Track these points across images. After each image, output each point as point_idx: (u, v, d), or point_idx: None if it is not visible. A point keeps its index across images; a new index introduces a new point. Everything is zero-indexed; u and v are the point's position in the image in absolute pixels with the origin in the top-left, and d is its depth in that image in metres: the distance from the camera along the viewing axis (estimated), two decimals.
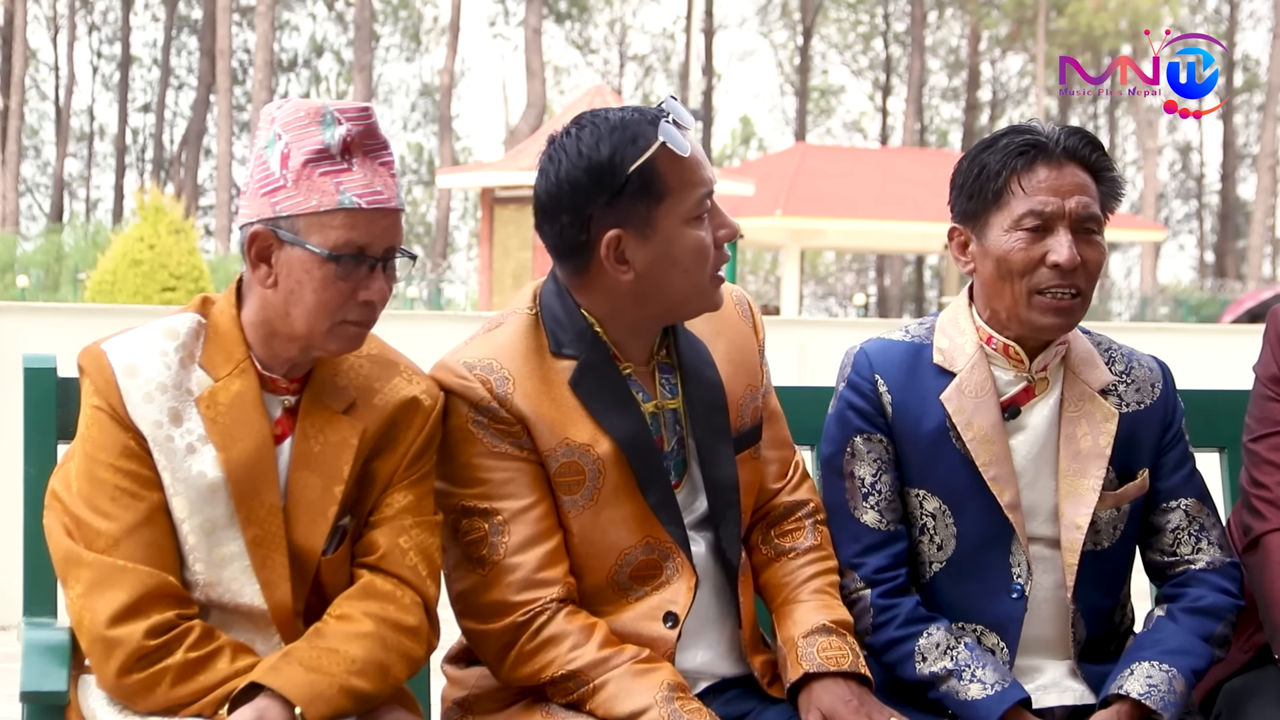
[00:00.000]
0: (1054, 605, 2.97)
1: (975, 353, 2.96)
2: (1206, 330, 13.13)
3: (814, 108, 58.49)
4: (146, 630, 2.54)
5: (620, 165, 2.67)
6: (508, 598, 2.70)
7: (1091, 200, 2.90)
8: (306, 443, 2.66)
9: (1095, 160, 2.92)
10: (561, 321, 2.75)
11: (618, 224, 2.69)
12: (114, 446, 2.59)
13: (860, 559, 2.95)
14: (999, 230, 2.90)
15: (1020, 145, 2.89)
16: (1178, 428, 3.05)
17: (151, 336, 2.64)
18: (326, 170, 2.59)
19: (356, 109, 2.64)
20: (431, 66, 57.55)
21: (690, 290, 2.74)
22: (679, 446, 2.81)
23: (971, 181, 2.93)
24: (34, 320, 7.89)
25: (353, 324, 2.62)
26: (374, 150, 2.63)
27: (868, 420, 2.96)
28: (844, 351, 3.04)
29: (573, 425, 2.72)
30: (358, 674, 2.57)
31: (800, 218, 30.25)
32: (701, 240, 2.71)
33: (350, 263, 2.59)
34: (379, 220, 2.60)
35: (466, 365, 2.73)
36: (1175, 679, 2.87)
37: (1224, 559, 3.02)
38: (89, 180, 56.09)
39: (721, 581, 2.83)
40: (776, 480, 2.95)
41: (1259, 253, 46.53)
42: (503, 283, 26.09)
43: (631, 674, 2.66)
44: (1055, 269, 2.87)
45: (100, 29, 54.72)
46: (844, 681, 2.77)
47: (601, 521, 2.74)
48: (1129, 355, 3.06)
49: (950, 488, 2.95)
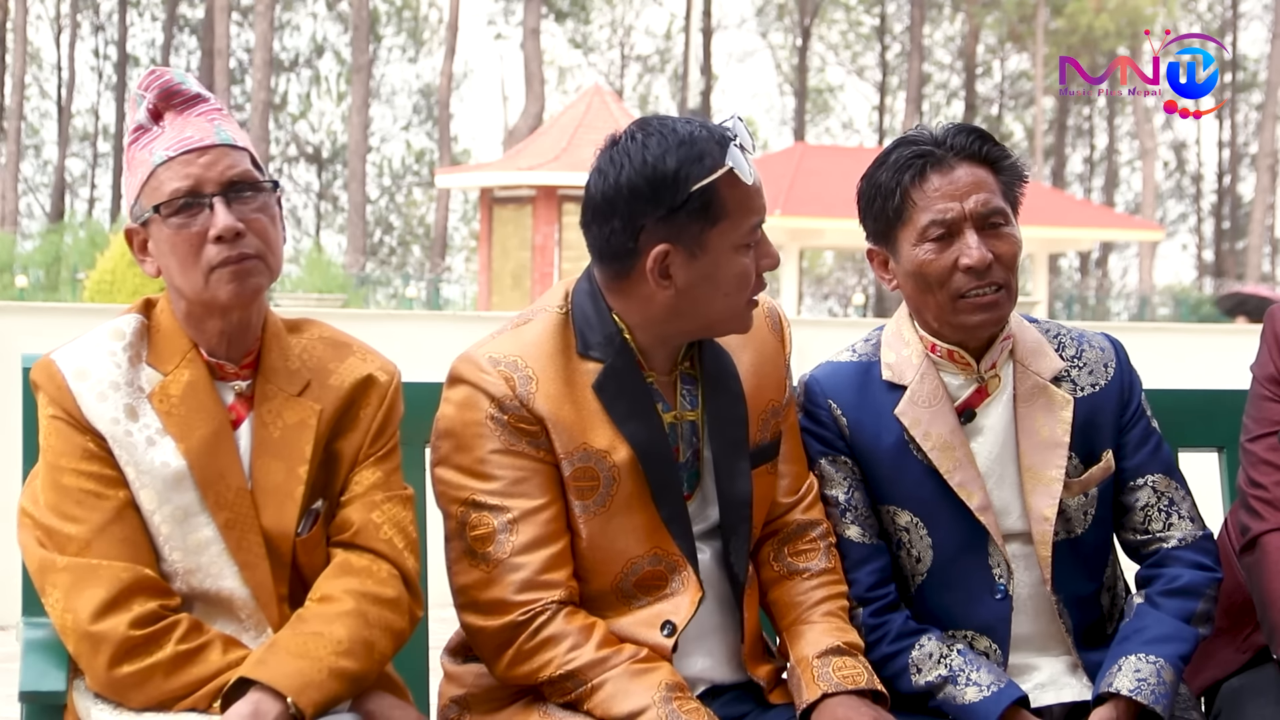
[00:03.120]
0: (1039, 600, 2.98)
1: (922, 362, 2.97)
2: (1205, 330, 13.13)
3: (812, 108, 58.47)
4: (130, 621, 2.55)
5: (684, 181, 2.64)
6: (509, 596, 2.69)
7: (992, 195, 2.90)
8: (265, 428, 2.69)
9: (987, 153, 2.92)
10: (592, 323, 2.74)
11: (669, 238, 2.67)
12: (74, 451, 2.61)
13: (850, 575, 2.95)
14: (908, 245, 2.91)
15: (908, 158, 2.90)
16: (1137, 404, 3.04)
17: (98, 340, 2.68)
18: (144, 143, 2.67)
19: (151, 74, 2.70)
20: (432, 67, 57.53)
21: (726, 313, 2.74)
22: (693, 458, 2.81)
23: (871, 203, 2.95)
24: (33, 320, 7.90)
25: (221, 265, 2.63)
26: (182, 104, 2.68)
27: (827, 445, 2.98)
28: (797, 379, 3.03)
29: (592, 430, 2.72)
30: (344, 654, 2.58)
31: (799, 217, 30.24)
32: (747, 268, 2.71)
33: (185, 210, 2.62)
34: (194, 161, 2.63)
35: (491, 360, 2.72)
36: (1164, 669, 2.87)
37: (1196, 533, 3.02)
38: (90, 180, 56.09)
39: (726, 592, 2.83)
40: (788, 495, 2.94)
41: (1258, 252, 46.52)
42: (502, 283, 26.08)
43: (629, 674, 2.66)
44: (969, 272, 2.88)
45: (104, 29, 54.72)
46: (860, 699, 2.77)
47: (611, 529, 2.73)
48: (1079, 338, 3.06)
49: (919, 499, 2.95)
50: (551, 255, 25.13)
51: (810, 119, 57.37)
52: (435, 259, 46.84)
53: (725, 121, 2.71)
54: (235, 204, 2.63)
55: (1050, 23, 45.74)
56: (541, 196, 25.38)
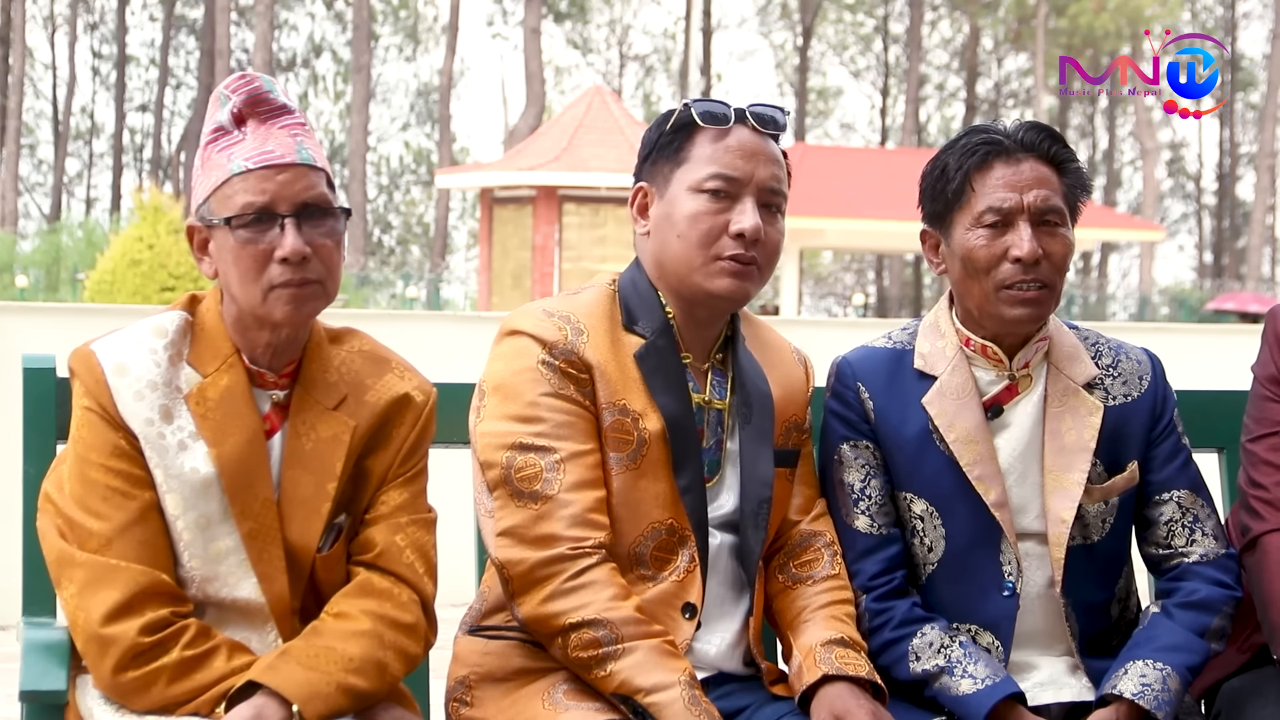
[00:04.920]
0: (1047, 602, 2.98)
1: (956, 355, 2.98)
2: (1205, 330, 13.14)
3: (813, 108, 58.47)
4: (141, 627, 2.54)
5: (660, 123, 2.88)
6: (560, 531, 2.71)
7: (1052, 193, 2.93)
8: (298, 440, 2.67)
9: (1055, 153, 2.95)
10: (639, 299, 2.86)
11: (648, 179, 2.88)
12: (105, 446, 2.60)
13: (855, 566, 2.97)
14: (962, 229, 2.93)
15: (976, 144, 2.94)
16: (1169, 419, 3.05)
17: (140, 335, 2.65)
18: (222, 146, 2.64)
19: (238, 78, 2.68)
20: (430, 66, 57.54)
21: (684, 261, 2.82)
22: (716, 447, 2.86)
23: (933, 183, 2.98)
24: (33, 320, 7.90)
25: (282, 287, 2.61)
26: (268, 115, 2.65)
27: (852, 427, 3.00)
28: (829, 363, 3.07)
29: (630, 393, 2.80)
30: (355, 672, 2.58)
31: (799, 218, 30.21)
32: (699, 210, 2.80)
33: (255, 225, 2.60)
34: (273, 178, 2.61)
35: (545, 312, 2.81)
36: (1170, 677, 2.87)
37: (1219, 550, 3.03)
38: (87, 180, 56.07)
39: (739, 579, 2.86)
40: (800, 513, 2.99)
41: (1258, 252, 46.54)
42: (502, 283, 26.07)
43: (659, 651, 2.67)
44: (1017, 263, 2.90)
45: (99, 28, 54.72)
46: (859, 688, 2.79)
47: (639, 488, 2.79)
48: (1117, 348, 3.07)
49: (937, 489, 2.96)
50: (551, 255, 25.12)
51: (810, 119, 57.36)
52: (435, 259, 46.85)
53: (756, 104, 2.89)
54: (305, 226, 2.61)
55: (1050, 23, 45.74)
56: (541, 196, 25.36)
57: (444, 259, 47.91)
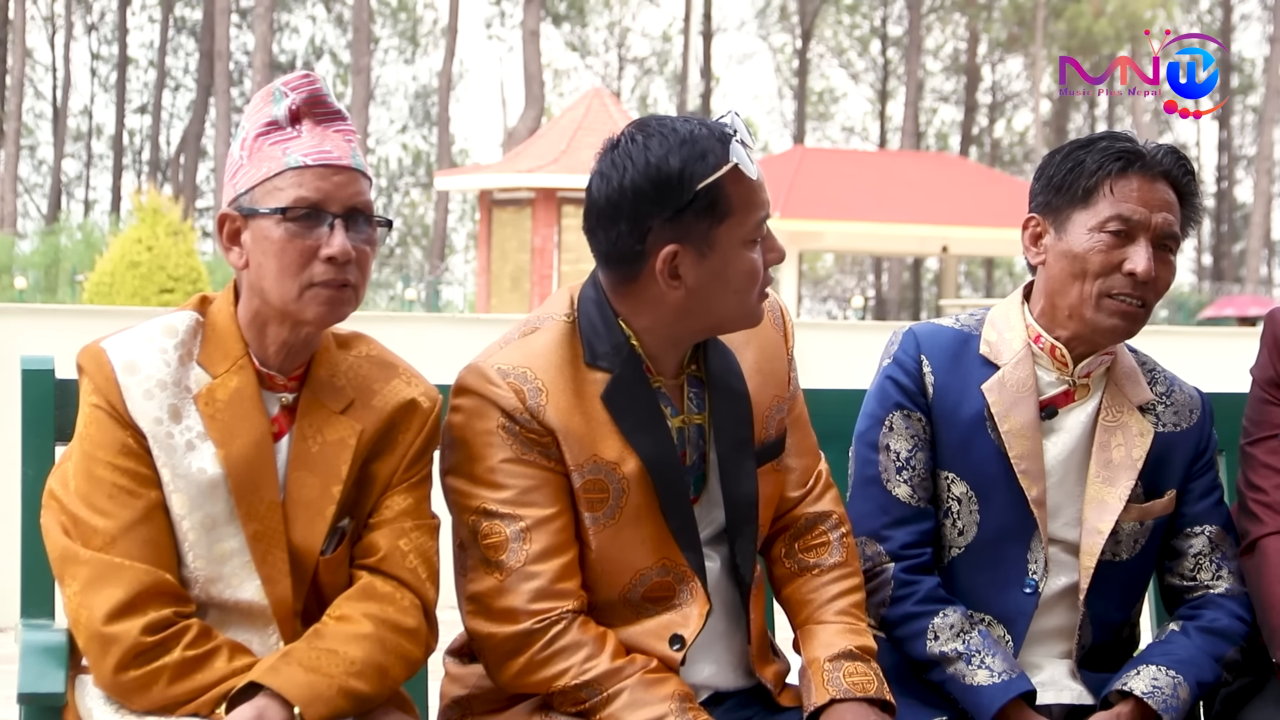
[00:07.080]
0: (1064, 607, 2.99)
1: (1022, 349, 2.99)
2: (1204, 333, 13.15)
3: (812, 111, 58.49)
4: (143, 627, 2.54)
5: (689, 180, 2.62)
6: (523, 605, 2.67)
7: (1175, 219, 2.95)
8: (304, 442, 2.67)
9: (1186, 184, 2.97)
10: (599, 332, 2.72)
11: (676, 239, 2.65)
12: (112, 445, 2.60)
13: (888, 531, 2.96)
14: (1081, 229, 2.93)
15: (1119, 150, 2.94)
16: (1210, 457, 3.08)
17: (151, 334, 2.65)
18: (276, 140, 2.63)
19: (300, 77, 2.68)
20: (429, 68, 57.55)
21: (737, 310, 2.72)
22: (699, 461, 2.80)
23: (1063, 176, 2.96)
24: (32, 321, 7.90)
25: (322, 285, 2.61)
26: (324, 117, 2.66)
27: (909, 397, 3.00)
28: (890, 333, 3.08)
29: (602, 441, 2.70)
30: (356, 675, 2.57)
31: (798, 220, 30.24)
32: (755, 263, 2.70)
33: (305, 220, 2.59)
34: (329, 177, 2.61)
35: (500, 372, 2.69)
36: (1180, 686, 2.88)
37: (1242, 590, 3.04)
38: (86, 181, 56.08)
39: (733, 598, 2.82)
40: (796, 488, 2.92)
41: (1257, 255, 46.56)
42: (501, 285, 26.09)
43: (644, 684, 2.65)
44: (1130, 277, 2.91)
45: (98, 29, 54.74)
46: (869, 707, 2.75)
47: (621, 540, 2.72)
48: (1171, 380, 3.10)
49: (980, 475, 2.97)
50: (550, 257, 25.14)
51: (810, 122, 57.38)
52: (434, 260, 46.88)
53: (723, 118, 2.70)
54: (351, 230, 2.62)
55: (1049, 26, 45.76)
56: (541, 199, 25.39)
57: (443, 261, 47.92)
